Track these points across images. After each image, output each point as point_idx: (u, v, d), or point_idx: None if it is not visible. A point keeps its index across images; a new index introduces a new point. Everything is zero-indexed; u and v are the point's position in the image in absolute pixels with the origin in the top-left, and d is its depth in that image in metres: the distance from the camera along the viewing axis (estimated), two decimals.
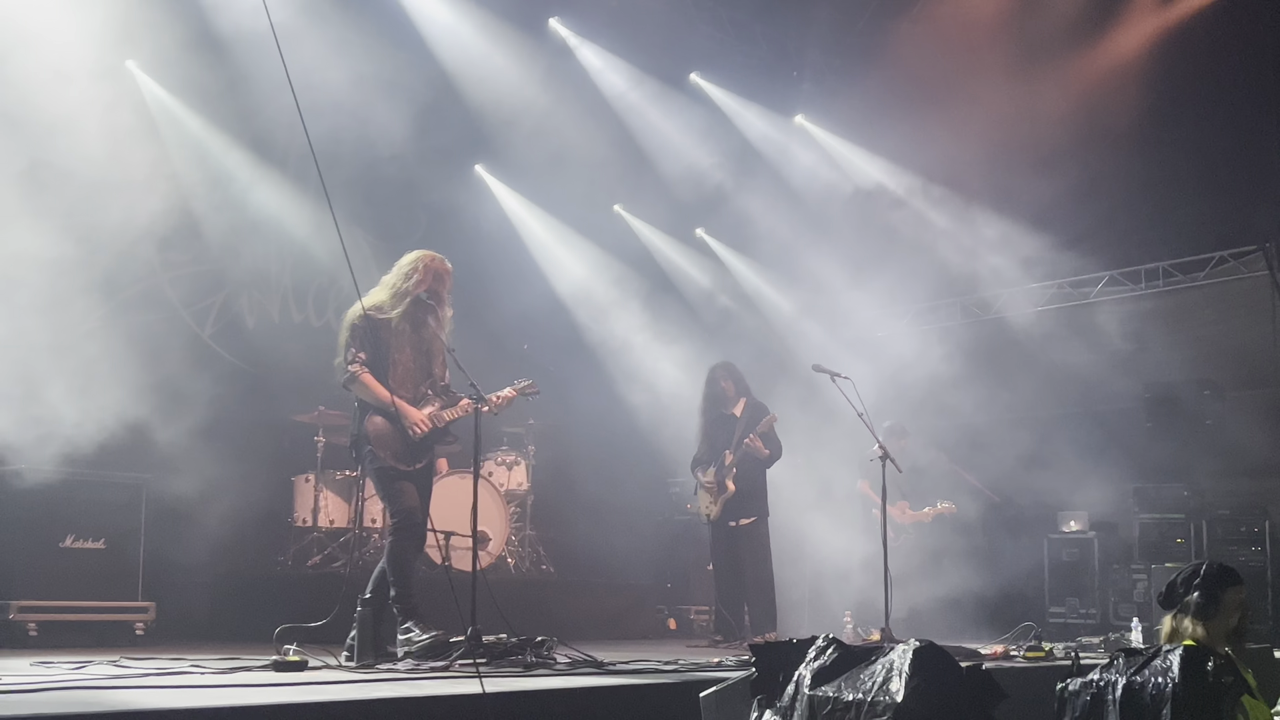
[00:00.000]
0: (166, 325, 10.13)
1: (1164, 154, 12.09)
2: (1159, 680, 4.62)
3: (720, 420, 10.13)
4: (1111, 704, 4.66)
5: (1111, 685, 4.71)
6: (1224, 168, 11.77)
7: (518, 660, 6.46)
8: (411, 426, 7.00)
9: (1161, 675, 4.63)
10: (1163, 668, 4.67)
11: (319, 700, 4.57)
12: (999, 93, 12.50)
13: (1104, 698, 4.71)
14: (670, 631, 11.95)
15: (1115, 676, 4.73)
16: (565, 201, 13.40)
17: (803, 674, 4.29)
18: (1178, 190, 12.16)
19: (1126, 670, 4.74)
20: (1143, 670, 4.70)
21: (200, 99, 10.50)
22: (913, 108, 13.07)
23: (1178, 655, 4.69)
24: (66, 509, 8.25)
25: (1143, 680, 4.65)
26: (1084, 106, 12.55)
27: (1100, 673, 4.81)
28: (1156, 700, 4.56)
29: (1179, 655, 4.69)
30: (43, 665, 6.03)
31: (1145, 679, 4.65)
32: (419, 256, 7.30)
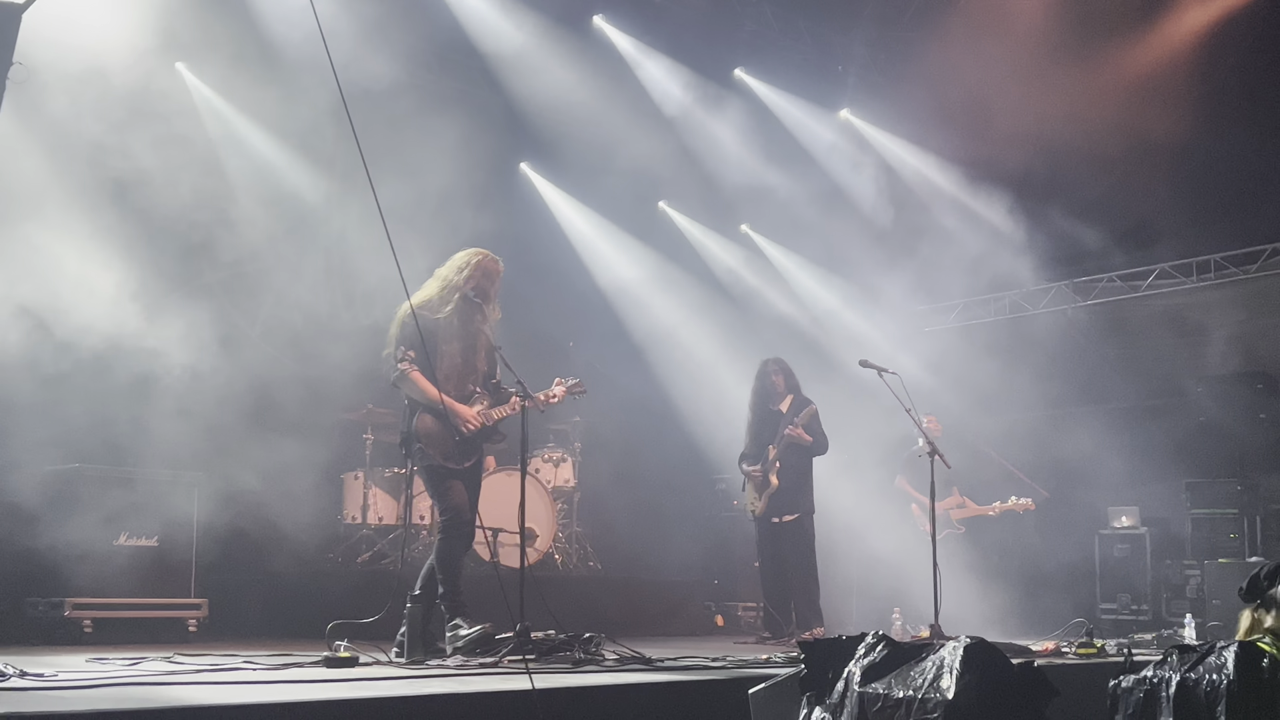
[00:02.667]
0: (217, 324, 10.22)
1: (1215, 146, 11.94)
2: (1213, 677, 4.57)
3: (768, 416, 10.10)
4: (1165, 701, 4.61)
5: (1165, 682, 4.66)
6: (1275, 159, 11.61)
7: (566, 656, 6.48)
8: (463, 424, 7.03)
9: (1216, 672, 4.58)
10: (1217, 664, 4.62)
11: (371, 696, 4.60)
12: (1046, 86, 12.40)
13: (1157, 695, 4.66)
14: (717, 628, 11.95)
15: (1169, 673, 4.68)
16: (610, 199, 13.41)
17: (852, 671, 4.27)
18: (1229, 182, 12.01)
19: (1180, 667, 4.69)
20: (1197, 667, 4.65)
21: (248, 100, 10.59)
22: (959, 102, 12.98)
23: (1232, 652, 4.64)
24: (120, 507, 8.33)
25: (1197, 677, 4.60)
26: (1133, 99, 12.42)
27: (1154, 669, 4.76)
28: (1211, 698, 4.51)
29: (1234, 652, 4.63)
30: (98, 661, 6.10)
31: (1200, 676, 4.60)
32: (473, 253, 7.33)
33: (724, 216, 14.65)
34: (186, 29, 9.74)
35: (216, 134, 10.53)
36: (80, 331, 8.31)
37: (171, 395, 8.81)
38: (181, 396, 8.87)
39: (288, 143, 10.79)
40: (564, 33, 12.24)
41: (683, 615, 11.48)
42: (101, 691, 4.57)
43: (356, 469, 10.72)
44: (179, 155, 9.52)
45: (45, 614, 7.97)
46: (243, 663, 6.06)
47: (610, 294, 13.70)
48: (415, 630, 6.53)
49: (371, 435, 10.70)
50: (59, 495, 8.07)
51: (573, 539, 11.60)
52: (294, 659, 6.26)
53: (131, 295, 8.81)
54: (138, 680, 5.06)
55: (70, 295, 8.36)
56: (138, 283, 8.91)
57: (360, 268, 11.47)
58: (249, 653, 6.79)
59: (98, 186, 8.97)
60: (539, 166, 13.44)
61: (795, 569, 9.83)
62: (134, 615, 8.29)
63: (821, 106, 14.24)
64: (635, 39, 13.17)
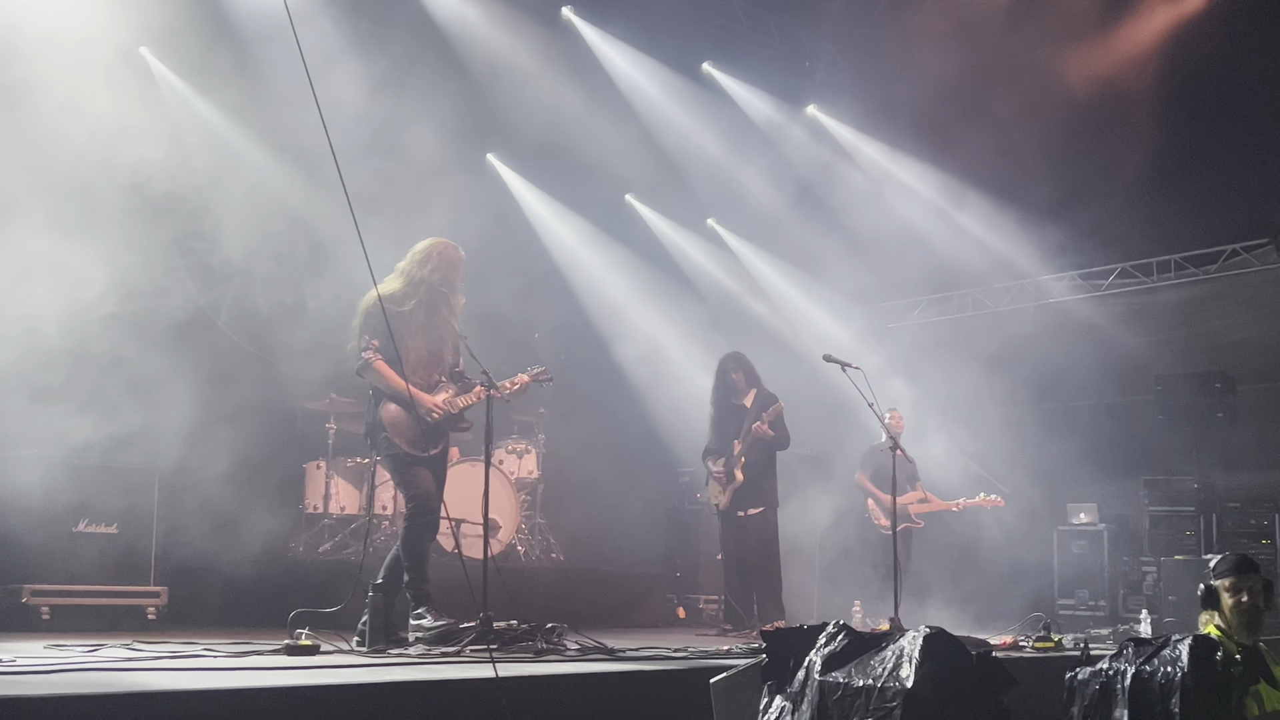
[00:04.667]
0: (182, 312, 10.16)
1: (1176, 147, 12.07)
2: (1168, 669, 4.64)
3: (731, 411, 10.14)
4: (1121, 693, 4.68)
5: (1121, 674, 4.72)
6: (1236, 161, 11.74)
7: (529, 646, 6.48)
8: (427, 412, 7.03)
9: (1171, 664, 4.65)
10: (1172, 657, 4.68)
11: (331, 683, 4.59)
12: (1011, 84, 12.48)
13: (1113, 686, 4.73)
14: (679, 620, 11.98)
15: (1124, 665, 4.74)
16: (576, 191, 13.42)
17: (813, 660, 4.30)
18: (1190, 183, 12.13)
19: (1136, 659, 4.75)
20: (1152, 659, 4.71)
21: (213, 86, 10.52)
22: (925, 99, 13.05)
23: (1187, 645, 4.71)
24: (80, 494, 8.27)
25: (1152, 669, 4.66)
26: (1096, 99, 12.53)
27: (1109, 662, 4.82)
28: (1166, 689, 4.58)
29: (1188, 645, 4.70)
30: (56, 648, 6.05)
31: (1154, 668, 4.67)
32: (433, 244, 7.32)
33: (690, 211, 14.67)
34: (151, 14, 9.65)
35: (182, 120, 10.45)
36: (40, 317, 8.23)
37: (134, 382, 8.74)
38: (144, 383, 8.80)
39: (254, 130, 10.72)
40: (533, 24, 12.23)
41: (645, 607, 11.50)
42: (60, 677, 4.54)
43: (319, 458, 10.68)
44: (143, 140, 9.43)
45: (2, 600, 7.91)
46: (202, 650, 6.01)
47: (576, 287, 13.71)
48: (378, 619, 6.52)
49: (334, 425, 10.66)
50: (17, 482, 8.00)
51: (536, 530, 11.60)
52: (254, 647, 6.23)
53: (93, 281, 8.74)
54: (97, 666, 5.03)
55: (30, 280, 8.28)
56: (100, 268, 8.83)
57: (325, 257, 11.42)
58: (209, 641, 6.76)
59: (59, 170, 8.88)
60: (506, 158, 13.41)
61: (758, 562, 9.88)
62: (93, 603, 8.22)
63: (789, 102, 14.28)
64: (604, 31, 13.18)
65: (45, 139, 8.66)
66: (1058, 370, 13.54)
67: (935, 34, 12.79)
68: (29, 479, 8.04)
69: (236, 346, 11.09)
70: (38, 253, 8.40)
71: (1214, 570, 5.33)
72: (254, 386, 10.59)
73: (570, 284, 13.68)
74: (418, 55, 11.11)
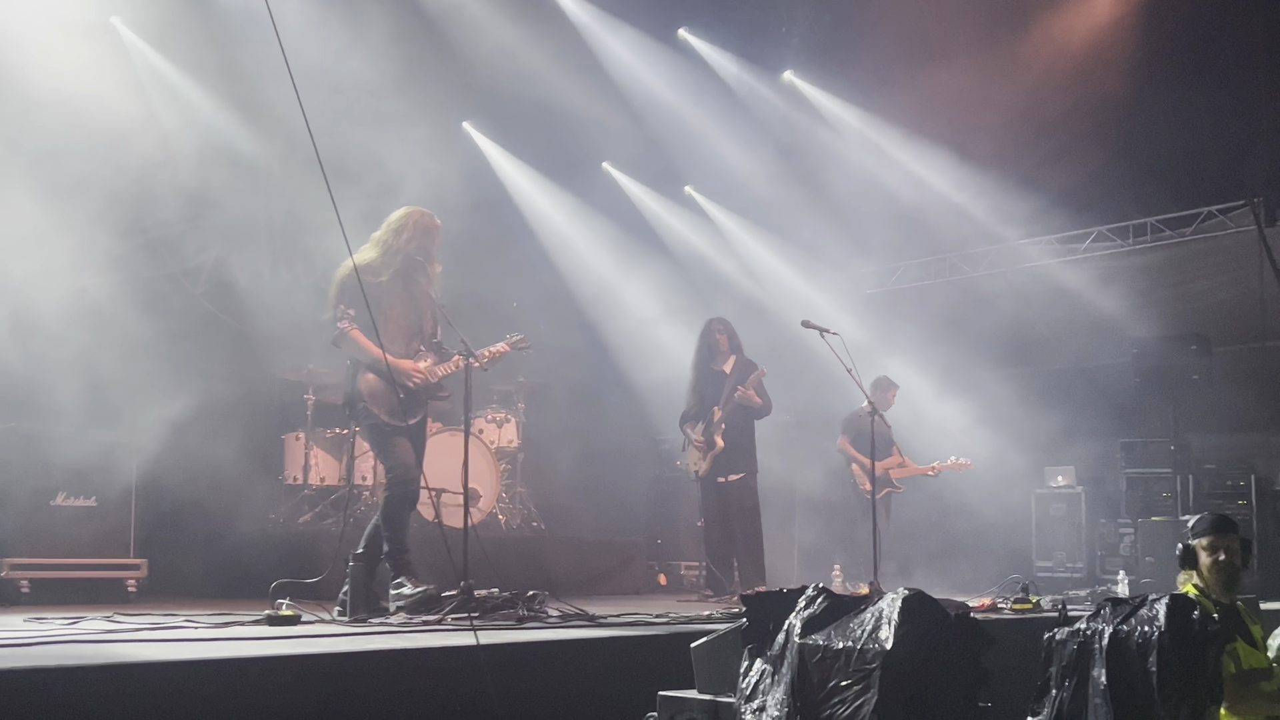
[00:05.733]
0: (159, 283, 10.10)
1: (1152, 110, 12.08)
2: (1145, 629, 4.66)
3: (711, 376, 10.14)
4: (1098, 653, 4.70)
5: (1098, 634, 4.75)
6: (1212, 123, 11.75)
7: (510, 614, 6.49)
8: (405, 379, 7.01)
9: (1148, 624, 4.67)
10: (1149, 616, 4.71)
11: (313, 652, 4.61)
12: (989, 48, 12.47)
13: (1090, 646, 4.75)
14: (661, 587, 12.02)
15: (1102, 625, 4.77)
16: (553, 158, 13.36)
17: (793, 623, 4.32)
18: (1166, 146, 12.14)
19: (1113, 619, 4.78)
20: (1129, 619, 4.74)
21: (185, 55, 10.42)
22: (902, 64, 13.03)
23: (1164, 604, 4.74)
24: (57, 466, 8.23)
25: (1129, 629, 4.69)
26: (1073, 63, 12.53)
27: (1087, 622, 4.85)
28: (1143, 648, 4.61)
29: (1165, 604, 4.73)
30: (36, 621, 6.05)
31: (1131, 628, 4.69)
32: (408, 212, 7.29)
33: (668, 178, 14.64)
34: None
35: (155, 90, 10.35)
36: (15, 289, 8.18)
37: (111, 354, 8.69)
38: (121, 355, 8.75)
39: (229, 100, 10.63)
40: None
41: (626, 574, 11.52)
42: (40, 649, 4.54)
43: (298, 429, 10.65)
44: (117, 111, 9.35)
45: None
46: (183, 622, 6.03)
47: (553, 254, 13.68)
48: (358, 588, 6.53)
49: (312, 396, 10.62)
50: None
51: (516, 499, 11.61)
52: (235, 618, 6.23)
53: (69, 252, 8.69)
54: (77, 639, 5.04)
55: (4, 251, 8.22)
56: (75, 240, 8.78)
57: (301, 226, 11.36)
58: (189, 613, 6.76)
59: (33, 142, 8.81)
60: (482, 125, 13.35)
61: (740, 528, 9.90)
62: (72, 576, 8.20)
63: (765, 68, 14.24)
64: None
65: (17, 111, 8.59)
66: (1034, 334, 13.59)
67: None
68: (6, 453, 8.01)
69: (214, 318, 11.04)
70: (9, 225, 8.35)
71: (1192, 530, 5.37)
72: (232, 358, 10.55)
73: (548, 252, 13.64)
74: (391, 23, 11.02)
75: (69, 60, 8.99)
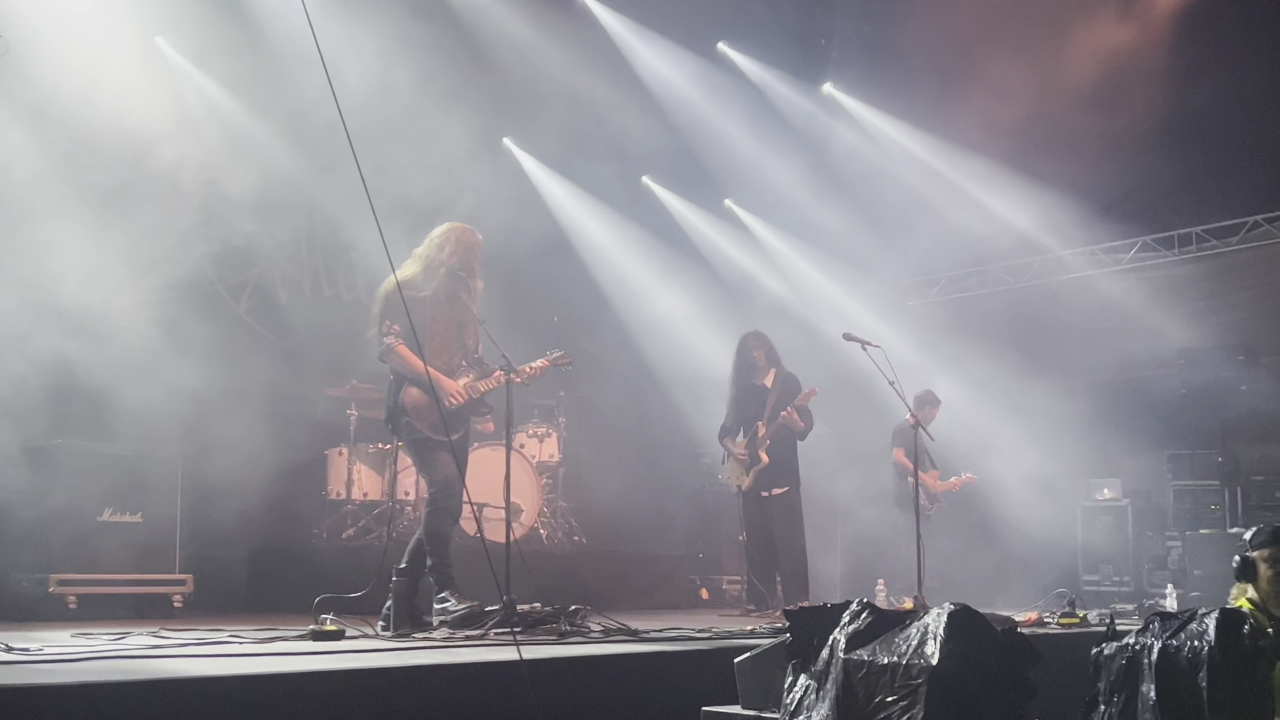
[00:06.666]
0: (203, 301, 10.19)
1: (1197, 118, 11.96)
2: (1195, 644, 4.60)
3: (751, 390, 10.12)
4: (1147, 668, 4.65)
5: (1147, 649, 4.69)
6: (1258, 131, 11.64)
7: (552, 629, 6.49)
8: (447, 397, 7.03)
9: (1197, 639, 4.61)
10: (1198, 631, 4.65)
11: (357, 667, 4.61)
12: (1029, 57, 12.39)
13: (1139, 661, 4.69)
14: (702, 601, 11.99)
15: (1151, 640, 4.71)
16: (593, 173, 13.38)
17: (837, 638, 4.29)
18: (1211, 155, 12.03)
19: (1162, 634, 4.72)
20: (1178, 634, 4.68)
21: (230, 74, 10.53)
22: (942, 73, 12.97)
23: (1214, 619, 4.67)
24: (104, 483, 8.33)
25: (1178, 644, 4.63)
26: (1115, 71, 12.43)
27: (1135, 637, 4.79)
28: (1193, 664, 4.55)
29: (1215, 618, 4.67)
30: (83, 636, 6.09)
31: (1181, 642, 4.63)
32: (450, 228, 7.32)
33: (707, 191, 14.64)
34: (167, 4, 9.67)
35: (200, 109, 10.45)
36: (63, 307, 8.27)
37: (156, 371, 8.78)
38: (166, 372, 8.84)
39: (270, 118, 10.73)
40: (546, 7, 12.18)
41: (667, 589, 11.52)
42: (88, 665, 4.57)
43: (340, 444, 10.71)
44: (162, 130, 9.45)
45: (29, 590, 7.97)
46: (228, 637, 6.05)
47: (594, 269, 13.70)
48: (401, 603, 6.54)
49: (355, 411, 10.68)
50: (43, 472, 8.05)
51: (557, 513, 11.62)
52: (280, 633, 6.26)
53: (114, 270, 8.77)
54: (124, 654, 5.06)
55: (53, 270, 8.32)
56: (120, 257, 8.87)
57: (343, 244, 11.44)
58: (234, 627, 6.79)
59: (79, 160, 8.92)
60: (522, 142, 13.40)
61: (783, 542, 9.86)
62: (118, 591, 8.28)
63: (804, 80, 14.22)
64: (618, 13, 13.13)
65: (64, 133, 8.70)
66: (1078, 345, 13.47)
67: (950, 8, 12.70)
68: (53, 469, 8.09)
69: (257, 334, 11.14)
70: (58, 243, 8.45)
71: (1251, 541, 5.26)
72: (275, 374, 10.63)
73: (588, 267, 13.66)
74: (433, 41, 11.08)
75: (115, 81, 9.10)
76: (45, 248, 8.40)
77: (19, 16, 8.20)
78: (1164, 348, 12.80)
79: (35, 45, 8.37)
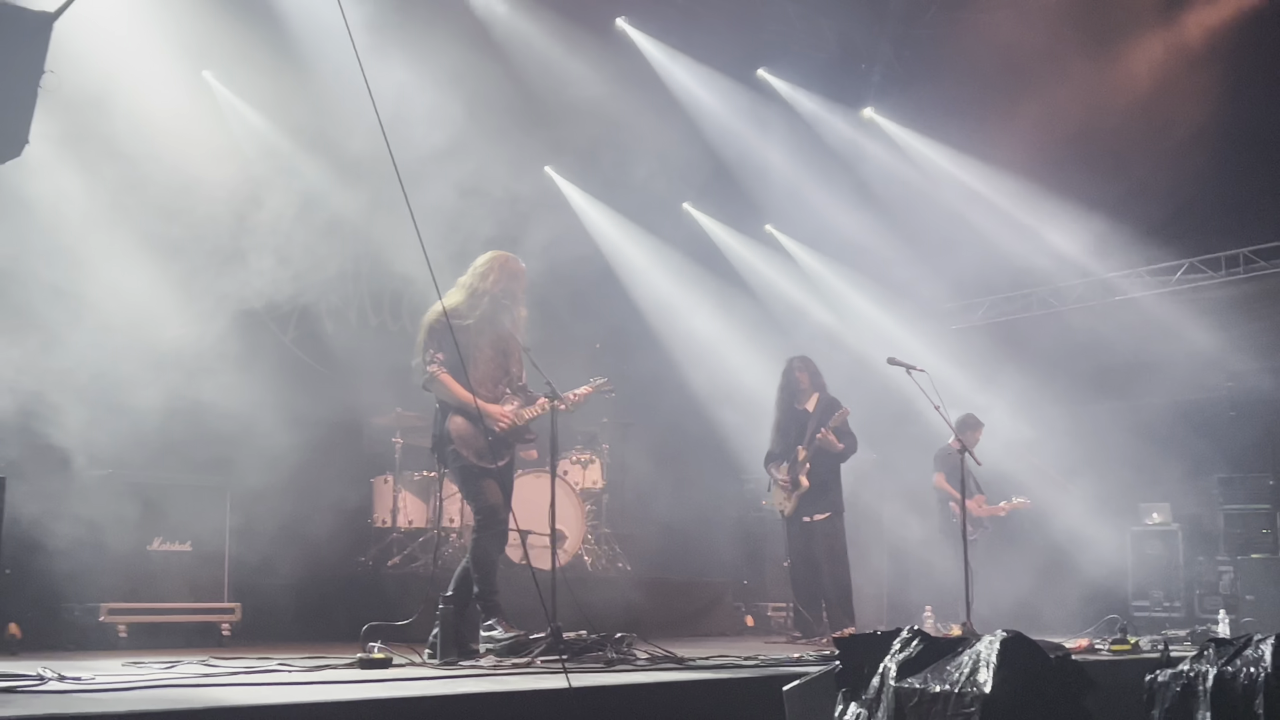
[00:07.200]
0: (250, 331, 10.28)
1: (1242, 138, 11.87)
2: (1251, 670, 4.55)
3: (794, 415, 10.09)
4: (1202, 695, 4.59)
5: (1202, 676, 4.64)
6: None
7: (599, 656, 6.48)
8: (494, 424, 7.05)
9: (1253, 665, 4.56)
10: (1254, 657, 4.59)
11: (406, 696, 4.62)
12: (1071, 80, 12.34)
13: (1195, 688, 4.64)
14: (748, 628, 11.94)
15: (1206, 667, 4.66)
16: (634, 200, 13.42)
17: (888, 666, 4.26)
18: (1257, 175, 11.93)
19: (1217, 660, 4.67)
20: (1234, 660, 4.62)
21: (276, 107, 10.65)
22: (983, 98, 12.96)
23: (1270, 645, 4.62)
24: (154, 512, 8.39)
25: (1234, 670, 4.58)
26: (1159, 91, 12.36)
27: (1190, 663, 4.74)
28: (1249, 690, 4.49)
29: (1271, 645, 4.61)
30: (134, 665, 6.13)
31: (1237, 669, 4.58)
32: (494, 256, 7.36)
33: (748, 216, 14.64)
34: (212, 37, 9.80)
35: (245, 142, 10.57)
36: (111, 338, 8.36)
37: (204, 400, 8.86)
38: (214, 402, 8.92)
39: (317, 149, 10.83)
40: (587, 36, 12.26)
41: (712, 616, 11.48)
42: (139, 694, 4.60)
43: (386, 473, 10.75)
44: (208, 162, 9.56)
45: (81, 619, 8.02)
46: (277, 665, 6.08)
47: (636, 295, 13.72)
48: (448, 631, 6.55)
49: (400, 439, 10.73)
50: (93, 501, 8.11)
51: (601, 540, 11.61)
52: (328, 661, 6.28)
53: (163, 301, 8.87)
54: (174, 683, 5.09)
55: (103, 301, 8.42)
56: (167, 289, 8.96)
57: (387, 274, 11.51)
58: (283, 656, 6.81)
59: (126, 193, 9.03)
60: (564, 169, 13.46)
61: (827, 568, 9.81)
62: (168, 620, 8.33)
63: (845, 105, 14.23)
64: (658, 40, 13.20)
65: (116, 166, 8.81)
66: (1126, 368, 13.35)
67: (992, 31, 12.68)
68: (104, 499, 8.16)
69: (303, 364, 11.22)
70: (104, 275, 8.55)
71: None
72: (321, 403, 10.69)
73: (630, 293, 13.68)
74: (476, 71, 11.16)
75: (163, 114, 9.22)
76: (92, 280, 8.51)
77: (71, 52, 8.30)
78: (1213, 370, 12.67)
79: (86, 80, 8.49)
